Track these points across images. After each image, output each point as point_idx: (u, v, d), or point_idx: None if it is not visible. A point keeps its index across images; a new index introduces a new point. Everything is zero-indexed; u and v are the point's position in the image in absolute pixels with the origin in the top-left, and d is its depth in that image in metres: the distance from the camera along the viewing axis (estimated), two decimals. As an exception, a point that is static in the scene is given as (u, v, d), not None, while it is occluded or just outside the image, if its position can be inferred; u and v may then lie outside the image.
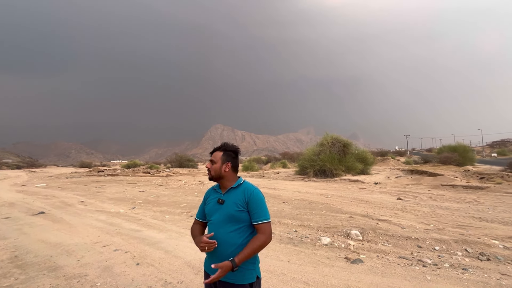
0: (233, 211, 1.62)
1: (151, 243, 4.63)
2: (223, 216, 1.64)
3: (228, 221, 1.62)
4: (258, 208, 1.63)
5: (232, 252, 1.56)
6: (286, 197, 9.23)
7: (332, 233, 5.12)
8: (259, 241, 1.57)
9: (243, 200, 1.64)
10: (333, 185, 13.10)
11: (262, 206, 1.65)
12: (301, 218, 6.29)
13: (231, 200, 1.65)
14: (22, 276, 3.37)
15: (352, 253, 4.17)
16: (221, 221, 1.64)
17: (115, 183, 16.05)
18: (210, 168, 1.72)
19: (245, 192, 1.66)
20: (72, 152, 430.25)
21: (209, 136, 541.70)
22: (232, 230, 1.61)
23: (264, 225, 1.61)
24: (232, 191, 1.69)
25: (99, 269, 3.54)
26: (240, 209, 1.62)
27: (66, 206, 8.50)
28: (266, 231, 1.60)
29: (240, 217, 1.62)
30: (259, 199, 1.66)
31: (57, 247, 4.45)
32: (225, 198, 1.68)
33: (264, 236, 1.58)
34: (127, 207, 8.17)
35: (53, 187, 14.76)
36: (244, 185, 1.71)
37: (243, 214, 1.63)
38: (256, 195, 1.66)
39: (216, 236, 1.61)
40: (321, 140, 19.03)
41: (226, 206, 1.65)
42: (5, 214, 7.34)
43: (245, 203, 1.64)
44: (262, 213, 1.63)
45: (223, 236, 1.60)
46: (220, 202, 1.69)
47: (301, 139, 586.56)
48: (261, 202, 1.65)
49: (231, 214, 1.62)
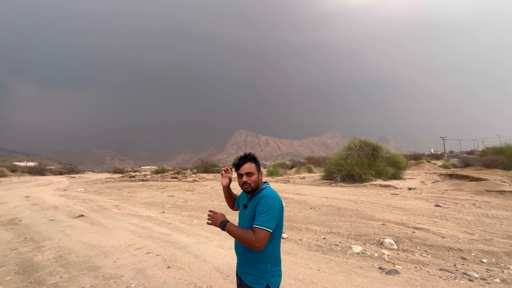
0: (249, 218, 1.65)
1: (180, 247, 4.75)
2: (245, 221, 1.68)
3: (248, 227, 1.63)
4: (260, 212, 1.57)
5: (252, 258, 1.62)
6: (313, 203, 9.01)
7: (364, 241, 4.87)
8: (249, 235, 1.53)
9: (254, 206, 1.64)
10: (363, 190, 12.54)
11: (264, 212, 1.56)
12: (329, 225, 6.09)
13: (250, 206, 1.68)
14: (66, 275, 3.63)
15: (386, 263, 3.92)
16: (244, 226, 1.68)
17: (145, 188, 16.81)
18: (249, 181, 1.69)
19: (257, 198, 1.66)
20: (106, 159, 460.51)
21: (233, 141, 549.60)
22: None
23: (258, 229, 1.52)
24: (254, 197, 1.71)
25: (133, 271, 3.69)
26: (253, 215, 1.63)
27: (102, 209, 9.05)
28: (258, 235, 1.51)
29: (252, 224, 1.62)
30: (265, 204, 1.59)
31: (96, 249, 4.73)
32: (248, 204, 1.72)
33: (255, 237, 1.51)
34: (157, 211, 8.49)
35: (91, 191, 15.82)
36: (263, 191, 1.69)
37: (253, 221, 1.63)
38: (264, 200, 1.61)
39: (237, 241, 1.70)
40: (348, 143, 18.34)
41: (248, 212, 1.69)
42: (50, 216, 8.00)
43: (255, 210, 1.62)
44: (262, 218, 1.55)
45: None
46: (244, 207, 1.75)
47: (327, 143, 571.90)
48: (265, 207, 1.57)
49: (249, 221, 1.64)
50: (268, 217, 1.54)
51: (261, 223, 1.53)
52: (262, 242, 1.51)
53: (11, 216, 8.19)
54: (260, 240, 1.51)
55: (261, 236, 1.51)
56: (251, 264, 1.63)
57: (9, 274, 3.67)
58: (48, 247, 4.89)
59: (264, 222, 1.53)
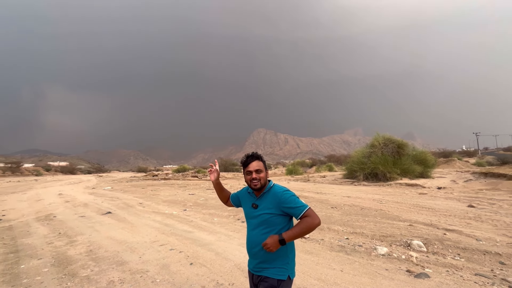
0: (267, 216, 1.72)
1: (202, 244, 4.82)
2: (258, 220, 1.75)
3: (261, 225, 1.74)
4: (293, 203, 1.68)
5: (266, 254, 1.69)
6: (335, 202, 8.79)
7: (390, 242, 4.67)
8: (306, 222, 1.63)
9: (275, 204, 1.72)
10: (387, 189, 12.04)
11: (295, 200, 1.70)
12: (352, 225, 5.90)
13: (264, 205, 1.75)
14: (96, 268, 3.82)
15: (415, 266, 3.72)
16: (256, 224, 1.76)
17: (167, 187, 17.34)
18: (258, 177, 1.78)
19: (276, 196, 1.74)
20: (130, 158, 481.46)
21: (252, 140, 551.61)
22: (264, 233, 1.71)
23: (307, 213, 1.65)
24: (264, 196, 1.79)
25: (158, 267, 3.80)
26: (273, 213, 1.71)
27: (128, 207, 9.45)
28: (311, 214, 1.65)
29: (273, 221, 1.71)
30: (290, 196, 1.72)
31: (122, 244, 4.94)
32: (259, 203, 1.78)
33: (310, 218, 1.63)
34: (179, 209, 8.72)
35: (117, 190, 16.60)
36: (274, 189, 1.79)
37: (275, 218, 1.72)
38: (286, 195, 1.72)
39: (252, 238, 1.78)
40: (371, 141, 17.66)
41: (260, 211, 1.76)
42: (81, 213, 8.48)
43: (277, 206, 1.71)
44: (299, 205, 1.68)
45: (258, 238, 1.73)
46: (254, 206, 1.80)
47: (348, 140, 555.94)
48: (293, 198, 1.71)
49: (264, 219, 1.72)
50: (300, 201, 1.71)
51: (304, 207, 1.67)
52: (318, 217, 1.66)
53: (47, 212, 8.79)
54: (317, 216, 1.66)
55: (313, 213, 1.66)
56: (274, 258, 1.70)
57: (46, 266, 3.94)
58: (80, 242, 5.18)
59: (302, 204, 1.68)
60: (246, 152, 1.94)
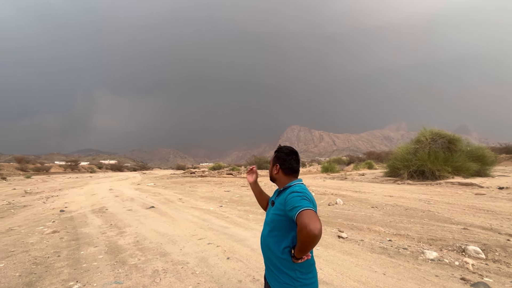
0: (273, 216, 1.53)
1: (238, 239, 4.92)
2: (268, 218, 1.62)
3: (269, 226, 1.56)
4: (291, 204, 1.36)
5: (271, 259, 1.51)
6: (375, 201, 8.28)
7: (440, 246, 4.25)
8: (300, 232, 1.27)
9: (281, 204, 1.47)
10: (436, 189, 10.99)
11: (295, 200, 1.36)
12: (395, 226, 5.50)
13: (276, 204, 1.56)
14: (142, 257, 4.13)
15: (471, 274, 3.33)
16: (266, 221, 1.62)
17: (204, 183, 18.06)
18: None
19: (284, 196, 1.48)
20: (170, 156, 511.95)
21: (285, 137, 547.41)
22: (273, 235, 1.52)
23: (298, 216, 1.29)
24: (280, 195, 1.58)
25: (197, 259, 3.97)
26: (279, 213, 1.48)
27: (169, 202, 10.05)
28: (301, 219, 1.26)
29: (278, 224, 1.48)
30: (293, 197, 1.39)
31: (165, 237, 5.27)
32: (275, 201, 1.61)
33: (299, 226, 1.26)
34: (216, 205, 9.01)
35: (159, 186, 17.76)
36: (289, 189, 1.50)
37: (281, 222, 1.46)
38: (291, 195, 1.41)
39: (262, 239, 1.62)
40: (417, 136, 16.21)
41: (272, 209, 1.60)
42: (129, 207, 9.25)
43: (283, 208, 1.43)
44: (294, 205, 1.33)
45: (268, 239, 1.56)
46: (271, 203, 1.66)
47: (390, 136, 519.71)
48: (295, 199, 1.37)
49: (272, 219, 1.54)
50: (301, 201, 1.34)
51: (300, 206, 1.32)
52: (313, 220, 1.24)
53: (100, 205, 9.76)
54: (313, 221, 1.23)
55: (310, 216, 1.26)
56: (279, 269, 1.46)
57: (101, 253, 4.37)
58: (128, 233, 5.65)
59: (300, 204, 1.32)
60: None
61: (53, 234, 5.69)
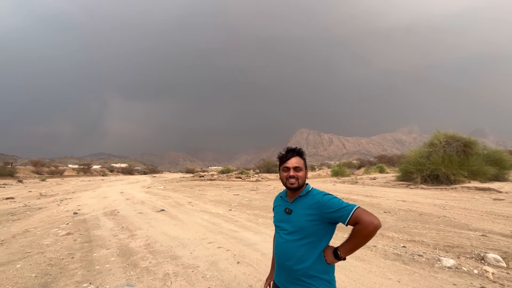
0: (304, 222, 1.43)
1: (248, 244, 4.89)
2: (293, 228, 1.46)
3: (298, 233, 1.44)
4: (335, 205, 1.36)
5: (303, 269, 1.40)
6: (388, 206, 8.10)
7: (457, 254, 4.09)
8: (359, 231, 1.31)
9: (314, 209, 1.42)
10: (451, 194, 10.65)
11: (339, 201, 1.38)
12: (409, 232, 5.35)
13: (300, 210, 1.46)
14: (153, 260, 4.16)
15: (491, 283, 3.18)
16: (290, 233, 1.47)
17: (213, 187, 18.12)
18: (297, 176, 1.50)
19: (315, 200, 1.44)
20: (179, 160, 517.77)
21: (294, 141, 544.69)
22: (302, 244, 1.42)
23: (356, 214, 1.31)
24: (300, 200, 1.50)
25: (207, 263, 3.96)
26: (312, 219, 1.41)
27: (179, 205, 10.12)
28: (364, 215, 1.29)
29: (311, 230, 1.42)
30: (331, 198, 1.40)
31: (175, 240, 5.29)
32: (293, 208, 1.50)
33: (363, 224, 1.28)
34: (225, 209, 9.01)
35: (168, 189, 17.94)
36: (313, 192, 1.50)
37: (315, 226, 1.41)
38: (326, 198, 1.41)
39: (285, 250, 1.47)
40: (430, 139, 15.79)
41: (295, 216, 1.47)
42: (139, 210, 9.37)
43: (318, 212, 1.40)
44: (344, 205, 1.35)
45: (293, 250, 1.44)
46: (288, 211, 1.52)
47: (402, 139, 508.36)
48: (336, 200, 1.40)
49: (301, 226, 1.43)
50: (344, 202, 1.38)
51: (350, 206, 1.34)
52: (373, 216, 1.30)
53: (112, 208, 9.93)
54: (373, 216, 1.30)
55: (367, 212, 1.31)
56: (313, 276, 1.40)
57: (113, 256, 4.43)
58: (139, 236, 5.71)
59: (348, 204, 1.35)
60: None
61: (67, 236, 5.81)
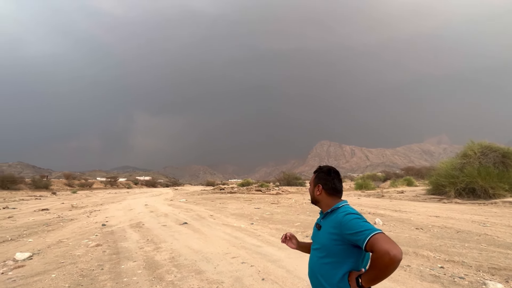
0: (327, 241, 1.41)
1: (272, 260, 4.76)
2: (319, 244, 1.48)
3: (321, 251, 1.44)
4: (355, 227, 1.27)
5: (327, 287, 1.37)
6: (419, 222, 7.58)
7: (505, 277, 3.69)
8: (377, 259, 1.17)
9: (335, 227, 1.37)
10: (492, 209, 9.78)
11: (359, 224, 1.28)
12: (447, 251, 4.93)
13: (326, 227, 1.46)
14: (179, 274, 4.16)
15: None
16: (316, 249, 1.49)
17: (234, 200, 18.10)
18: (309, 191, 1.69)
19: (337, 219, 1.38)
20: (200, 173, 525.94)
21: (315, 153, 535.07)
22: (326, 262, 1.40)
23: (372, 240, 1.18)
24: (328, 217, 1.49)
25: (232, 279, 3.89)
26: (334, 238, 1.37)
27: (201, 218, 10.18)
28: (378, 244, 1.15)
29: (333, 250, 1.37)
30: (352, 219, 1.31)
31: (199, 254, 5.29)
32: (322, 224, 1.52)
33: (377, 253, 1.15)
34: (247, 222, 8.92)
35: (190, 202, 18.19)
36: (340, 210, 1.43)
37: (336, 246, 1.36)
38: (348, 217, 1.33)
39: (311, 265, 1.51)
40: (463, 149, 14.80)
41: (322, 233, 1.49)
42: (163, 222, 9.54)
43: (339, 232, 1.34)
44: (362, 229, 1.24)
45: (318, 267, 1.44)
46: (318, 227, 1.57)
47: (430, 150, 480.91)
48: (356, 221, 1.29)
49: (324, 244, 1.43)
50: (366, 224, 1.28)
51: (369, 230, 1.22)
52: (393, 245, 1.15)
53: (137, 220, 10.21)
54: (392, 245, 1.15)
55: (387, 239, 1.17)
56: None
57: (139, 268, 4.50)
58: (164, 249, 5.78)
59: (368, 227, 1.24)
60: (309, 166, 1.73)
61: (97, 247, 6.03)
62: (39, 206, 16.65)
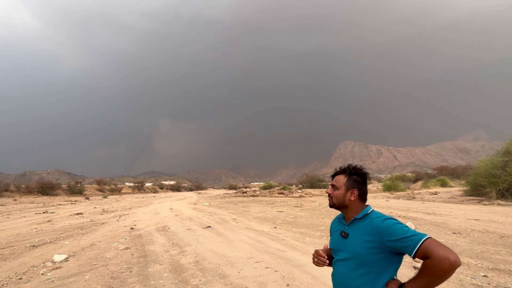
0: (361, 249, 1.28)
1: (296, 265, 4.63)
2: (348, 254, 1.33)
3: (354, 261, 1.30)
4: (399, 233, 1.17)
5: None
6: (457, 226, 7.02)
7: None
8: (432, 265, 1.08)
9: (373, 235, 1.25)
10: (540, 211, 8.83)
11: (403, 228, 1.18)
12: (490, 258, 4.50)
13: (357, 235, 1.33)
14: (203, 278, 4.18)
15: None
16: (346, 259, 1.34)
17: (256, 203, 18.05)
18: (332, 194, 1.44)
19: (374, 225, 1.27)
20: (222, 177, 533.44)
21: (338, 154, 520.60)
22: (362, 274, 1.27)
23: (426, 245, 1.09)
24: (356, 223, 1.36)
25: (256, 284, 3.83)
26: (370, 246, 1.25)
27: (224, 222, 10.25)
28: (436, 250, 1.07)
29: (369, 259, 1.25)
30: (394, 224, 1.21)
31: (222, 258, 5.29)
32: (349, 231, 1.37)
33: (436, 259, 1.07)
34: (270, 226, 8.82)
35: (213, 206, 18.41)
36: (372, 215, 1.33)
37: (374, 255, 1.25)
38: (387, 223, 1.23)
39: (341, 279, 1.36)
40: (505, 146, 13.59)
41: (351, 242, 1.34)
42: (187, 226, 9.72)
43: (378, 239, 1.23)
44: (409, 234, 1.15)
45: (353, 280, 1.29)
46: (343, 235, 1.40)
47: (466, 148, 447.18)
48: (400, 226, 1.20)
49: (358, 253, 1.29)
50: (411, 229, 1.19)
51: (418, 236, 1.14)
52: (449, 250, 1.08)
53: (163, 224, 10.51)
54: (448, 250, 1.08)
55: (439, 245, 1.10)
56: None
57: (165, 272, 4.59)
58: (189, 252, 5.87)
59: (415, 233, 1.16)
60: (332, 167, 1.56)
61: (126, 250, 6.26)
62: (74, 210, 17.78)
